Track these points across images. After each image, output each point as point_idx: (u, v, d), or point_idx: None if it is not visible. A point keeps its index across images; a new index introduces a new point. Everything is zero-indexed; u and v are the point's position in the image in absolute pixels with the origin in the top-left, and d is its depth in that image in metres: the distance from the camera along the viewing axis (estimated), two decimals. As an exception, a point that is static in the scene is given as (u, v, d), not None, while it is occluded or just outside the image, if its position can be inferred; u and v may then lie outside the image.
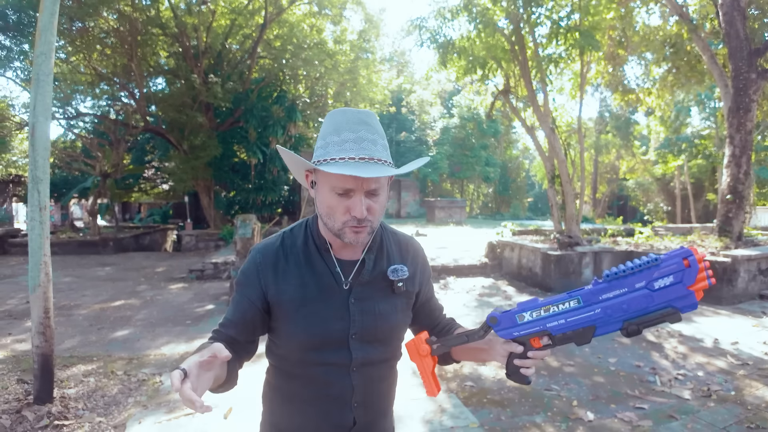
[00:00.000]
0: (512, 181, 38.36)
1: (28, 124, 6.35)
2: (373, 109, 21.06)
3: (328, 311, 1.28)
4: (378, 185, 1.21)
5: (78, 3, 13.00)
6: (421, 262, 1.46)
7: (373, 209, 1.22)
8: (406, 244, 1.44)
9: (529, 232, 12.57)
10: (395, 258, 1.38)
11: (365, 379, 1.33)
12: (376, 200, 1.23)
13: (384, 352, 1.35)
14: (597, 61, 11.60)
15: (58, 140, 21.02)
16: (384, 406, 1.42)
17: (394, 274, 1.32)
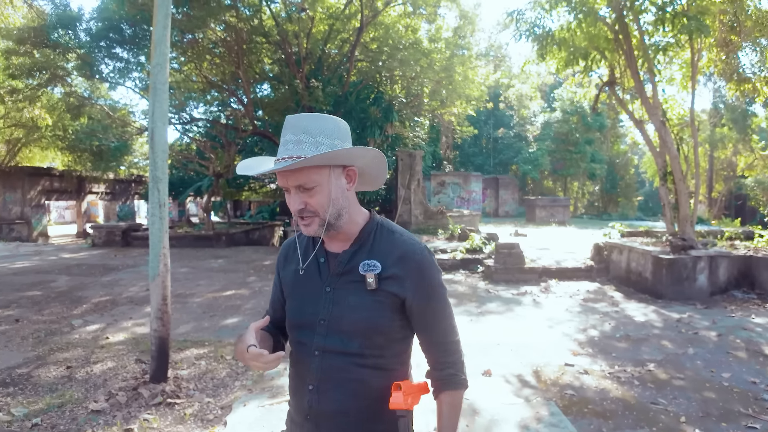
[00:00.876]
0: (620, 179, 36.25)
1: (147, 129, 6.96)
2: (470, 106, 20.81)
3: (307, 296, 1.44)
4: (303, 182, 1.31)
5: (187, 16, 13.99)
6: (414, 269, 1.38)
7: (309, 203, 1.33)
8: (399, 246, 1.41)
9: (638, 234, 11.85)
10: (378, 255, 1.39)
11: (324, 365, 1.38)
12: (311, 194, 1.33)
13: (347, 345, 1.37)
14: (708, 48, 10.66)
15: (175, 143, 22.79)
16: (345, 403, 1.37)
17: (363, 268, 1.38)
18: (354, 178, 1.41)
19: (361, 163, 1.42)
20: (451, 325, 1.45)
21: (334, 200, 1.34)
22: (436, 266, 1.43)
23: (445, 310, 1.44)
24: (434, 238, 14.53)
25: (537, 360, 5.19)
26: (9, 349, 5.64)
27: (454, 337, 1.45)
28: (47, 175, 25.04)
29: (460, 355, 1.47)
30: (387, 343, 1.40)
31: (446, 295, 1.45)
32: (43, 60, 15.47)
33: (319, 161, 1.30)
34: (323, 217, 1.34)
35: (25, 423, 3.78)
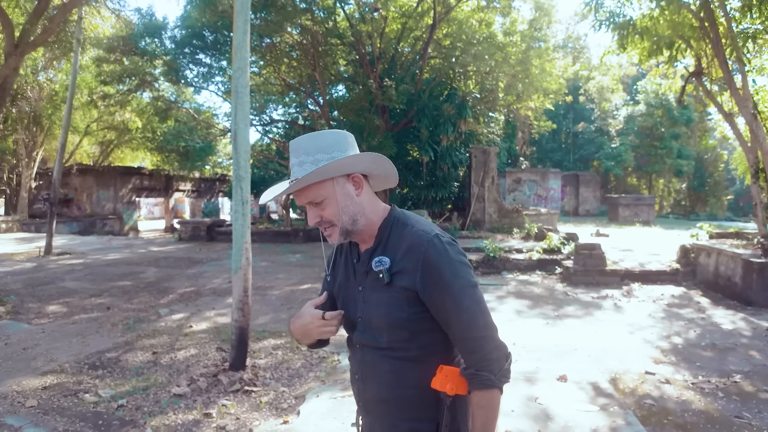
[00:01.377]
0: (709, 176, 33.93)
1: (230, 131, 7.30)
2: (548, 99, 20.23)
3: (348, 296, 1.53)
4: (313, 197, 1.42)
5: (265, 21, 14.49)
6: (422, 260, 1.34)
7: (323, 216, 1.42)
8: (407, 238, 1.40)
9: (728, 236, 11.08)
10: (391, 250, 1.42)
11: (364, 358, 1.48)
12: (322, 208, 1.42)
13: (378, 340, 1.43)
14: (801, 34, 9.82)
15: (256, 144, 23.68)
16: (383, 393, 1.44)
17: (375, 264, 1.42)
18: (360, 184, 1.45)
19: (362, 168, 1.46)
20: (473, 318, 1.34)
21: (343, 209, 1.41)
22: (448, 254, 1.36)
23: (462, 303, 1.33)
24: (509, 237, 14.26)
25: (615, 367, 4.98)
26: (100, 334, 6.11)
27: (477, 332, 1.34)
28: (137, 174, 26.86)
29: (488, 351, 1.34)
30: (412, 335, 1.39)
31: (466, 285, 1.35)
32: (132, 67, 16.57)
33: (315, 178, 1.38)
34: (342, 225, 1.41)
35: (111, 404, 4.09)
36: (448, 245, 1.37)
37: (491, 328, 1.37)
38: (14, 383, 4.49)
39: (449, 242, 1.38)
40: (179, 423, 3.77)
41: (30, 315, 6.99)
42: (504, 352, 1.37)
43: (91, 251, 14.21)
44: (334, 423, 3.75)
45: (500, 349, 1.36)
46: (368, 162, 1.47)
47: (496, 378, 1.34)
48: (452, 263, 1.35)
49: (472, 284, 1.36)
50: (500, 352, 1.36)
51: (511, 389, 4.34)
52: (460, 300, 1.33)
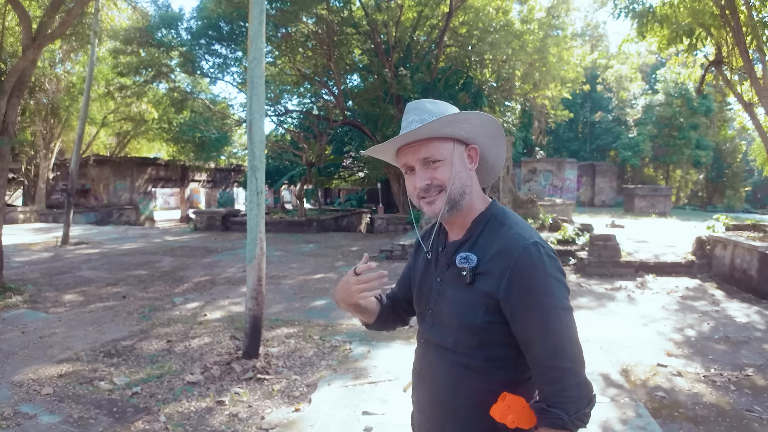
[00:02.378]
0: (727, 167, 33.36)
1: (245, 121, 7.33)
2: (565, 88, 19.96)
3: (424, 284, 1.44)
4: (430, 154, 1.30)
5: (281, 11, 14.47)
6: (513, 267, 1.21)
7: (435, 177, 1.31)
8: (500, 239, 1.28)
9: (745, 228, 10.91)
10: (480, 248, 1.31)
11: (427, 354, 1.41)
12: (436, 168, 1.31)
13: (444, 339, 1.34)
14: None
15: (271, 134, 23.77)
16: (439, 396, 1.36)
17: (459, 260, 1.31)
18: (475, 159, 1.38)
19: (481, 139, 1.38)
20: (558, 345, 1.18)
21: (457, 173, 1.31)
22: (545, 267, 1.21)
23: (549, 325, 1.18)
24: (523, 228, 14.20)
25: (627, 359, 4.96)
26: (116, 323, 6.22)
27: (560, 362, 1.18)
28: (153, 165, 27.14)
29: (568, 387, 1.17)
30: (480, 344, 1.28)
31: (558, 306, 1.20)
32: (148, 58, 16.68)
33: (443, 127, 1.29)
34: (451, 194, 1.30)
35: (126, 391, 4.17)
36: (546, 257, 1.23)
37: (578, 361, 1.21)
38: (30, 371, 4.59)
39: (548, 254, 1.24)
40: (192, 410, 3.84)
41: (47, 304, 7.13)
42: (587, 393, 1.20)
43: (108, 241, 14.43)
44: (345, 411, 3.79)
45: (583, 387, 1.20)
46: (487, 138, 1.39)
47: (569, 419, 1.16)
48: (547, 278, 1.21)
49: (565, 306, 1.22)
50: (582, 390, 1.19)
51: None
52: (547, 321, 1.19)
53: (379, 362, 4.80)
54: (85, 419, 3.69)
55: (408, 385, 4.22)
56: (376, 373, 4.53)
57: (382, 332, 5.66)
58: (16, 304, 7.05)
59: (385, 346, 5.26)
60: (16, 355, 5.05)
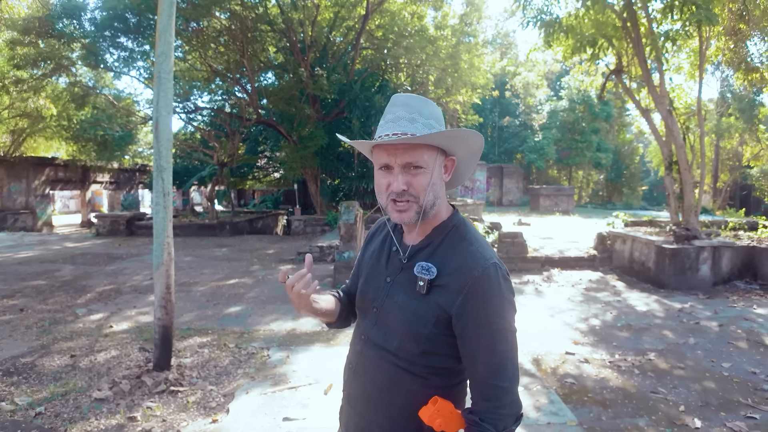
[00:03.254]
0: (625, 168, 35.99)
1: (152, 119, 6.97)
2: (476, 94, 20.68)
3: (371, 281, 1.44)
4: (414, 159, 1.27)
5: (192, 5, 13.91)
6: (470, 285, 1.23)
7: (413, 184, 1.27)
8: (461, 255, 1.29)
9: (642, 224, 11.82)
10: (439, 259, 1.31)
11: (365, 352, 1.41)
12: (416, 175, 1.28)
13: (387, 341, 1.35)
14: (716, 36, 10.57)
15: (179, 133, 22.80)
16: (373, 394, 1.37)
17: (418, 269, 1.31)
18: (450, 170, 1.38)
19: (462, 152, 1.38)
20: (502, 365, 1.23)
21: (433, 185, 1.30)
22: (500, 290, 1.24)
23: (498, 345, 1.23)
24: (438, 228, 14.54)
25: (538, 348, 5.21)
26: (13, 338, 5.70)
27: (500, 381, 1.22)
28: (52, 165, 25.15)
29: (502, 405, 1.22)
30: (423, 353, 1.30)
31: (507, 329, 1.24)
32: (47, 50, 15.45)
33: (439, 139, 1.28)
34: (421, 203, 1.29)
35: (29, 412, 3.83)
36: (503, 279, 1.26)
37: (515, 381, 1.26)
38: None
39: (504, 276, 1.27)
40: (102, 428, 3.58)
41: (-72, 318, 6.42)
42: (516, 411, 1.26)
43: (1, 249, 13.23)
44: (265, 419, 3.69)
45: (515, 406, 1.25)
46: (468, 153, 1.40)
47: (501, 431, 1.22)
48: (501, 300, 1.25)
49: (512, 330, 1.26)
50: (513, 409, 1.25)
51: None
52: (495, 342, 1.23)
53: (298, 367, 4.72)
54: (-21, 443, 3.35)
55: (329, 387, 4.18)
56: (296, 378, 4.45)
57: (301, 337, 5.61)
58: None
59: (305, 350, 5.19)
60: None
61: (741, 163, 27.34)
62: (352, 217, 8.63)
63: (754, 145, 25.85)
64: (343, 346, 5.28)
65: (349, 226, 8.59)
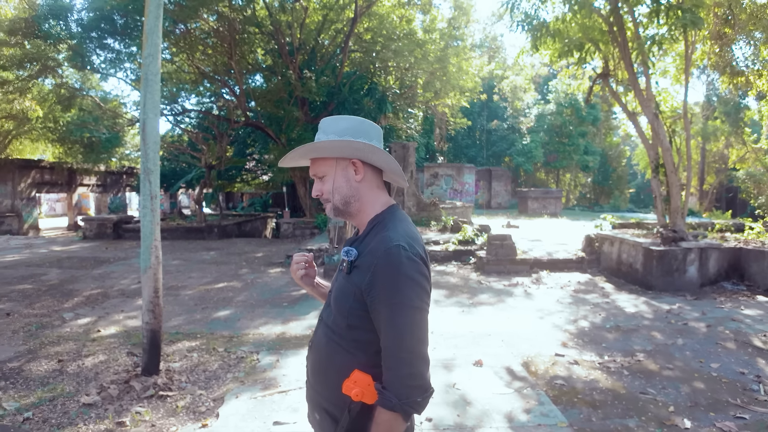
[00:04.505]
0: (612, 171, 36.32)
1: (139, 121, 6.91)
2: (464, 97, 20.78)
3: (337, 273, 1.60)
4: (316, 171, 1.55)
5: (180, 6, 13.84)
6: (375, 264, 1.35)
7: (321, 189, 1.54)
8: (375, 239, 1.43)
9: (630, 226, 11.92)
10: (363, 246, 1.47)
11: (317, 328, 1.59)
12: (323, 182, 1.54)
13: (328, 317, 1.52)
14: (702, 41, 10.71)
15: (167, 135, 22.64)
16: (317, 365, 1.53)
17: (343, 253, 1.51)
18: (360, 170, 1.51)
19: (360, 155, 1.50)
20: (400, 338, 1.32)
21: (337, 188, 1.51)
22: (400, 268, 1.33)
23: (396, 319, 1.32)
24: (427, 230, 14.55)
25: (527, 350, 5.23)
26: (0, 343, 5.62)
27: (399, 352, 1.32)
28: (38, 168, 24.84)
29: (401, 376, 1.32)
30: (348, 327, 1.42)
31: (406, 304, 1.32)
32: (33, 51, 15.27)
33: (309, 153, 1.53)
34: (335, 202, 1.52)
35: (17, 417, 3.77)
36: (406, 258, 1.34)
37: (416, 355, 1.33)
38: None
39: (409, 257, 1.35)
40: (88, 433, 3.54)
41: None
42: (420, 384, 1.33)
43: (-16, 251, 13.04)
44: (255, 423, 3.67)
45: (416, 379, 1.33)
46: (367, 152, 1.50)
47: (399, 403, 1.30)
48: (401, 277, 1.32)
49: (414, 305, 1.33)
50: (414, 381, 1.32)
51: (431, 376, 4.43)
52: (393, 315, 1.32)
53: (288, 370, 4.69)
54: (-37, 450, 3.29)
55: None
56: (286, 382, 4.42)
57: (291, 341, 5.58)
58: None
59: (294, 354, 5.16)
60: None
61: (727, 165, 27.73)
62: (341, 220, 8.63)
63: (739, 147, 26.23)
64: (334, 349, 5.26)
65: (339, 229, 8.60)
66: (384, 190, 1.59)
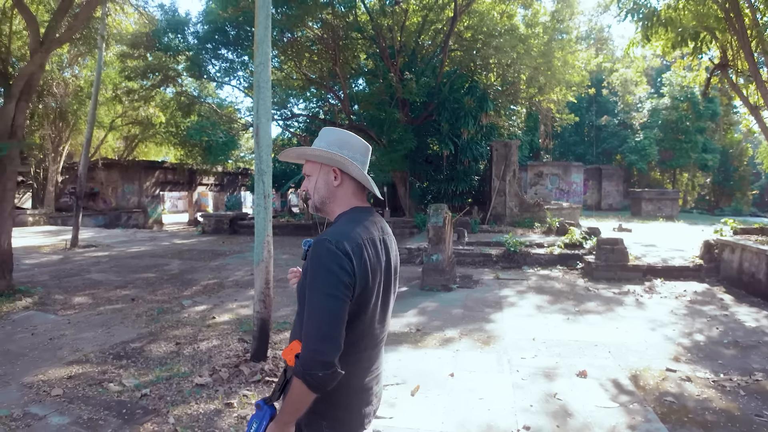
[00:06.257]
0: (734, 170, 33.15)
1: (252, 125, 7.37)
2: (570, 92, 19.92)
3: None
4: (306, 170, 1.83)
5: (286, 16, 14.54)
6: (310, 255, 1.60)
7: (306, 187, 1.83)
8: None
9: (753, 231, 10.84)
10: None
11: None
12: (309, 181, 1.82)
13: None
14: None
15: (277, 138, 23.83)
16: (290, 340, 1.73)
17: (303, 244, 1.79)
18: (339, 177, 1.77)
19: (339, 165, 1.77)
20: (310, 315, 1.53)
21: (317, 189, 1.79)
22: (321, 258, 1.55)
23: (312, 300, 1.54)
24: (530, 232, 14.14)
25: (636, 363, 4.95)
26: (125, 325, 6.26)
27: (310, 329, 1.53)
28: (161, 168, 27.27)
29: (306, 347, 1.52)
30: (302, 306, 1.64)
31: (320, 289, 1.53)
32: (155, 62, 16.78)
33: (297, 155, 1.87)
34: (315, 200, 1.80)
35: (135, 393, 4.20)
36: (327, 251, 1.56)
37: (322, 334, 1.51)
38: (40, 372, 4.64)
39: (329, 249, 1.56)
40: (201, 412, 3.86)
41: (56, 306, 7.19)
42: (321, 361, 1.49)
43: (117, 244, 14.50)
44: (353, 415, 3.78)
45: (318, 354, 1.50)
46: (344, 163, 1.75)
47: (302, 371, 1.50)
48: (320, 266, 1.55)
49: (325, 292, 1.53)
50: (317, 357, 1.49)
51: (529, 384, 4.35)
52: (310, 297, 1.55)
53: (386, 366, 4.78)
54: (94, 420, 3.72)
55: (416, 388, 4.22)
56: (383, 377, 4.51)
57: (389, 336, 5.67)
58: (26, 306, 7.11)
59: (392, 350, 5.26)
60: (26, 356, 5.10)
61: None
62: (440, 219, 8.64)
63: None
64: (432, 348, 5.30)
65: (438, 229, 8.61)
66: (359, 197, 1.82)
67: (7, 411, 3.82)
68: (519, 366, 4.82)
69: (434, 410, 3.88)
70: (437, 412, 3.86)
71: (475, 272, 9.84)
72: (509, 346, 5.41)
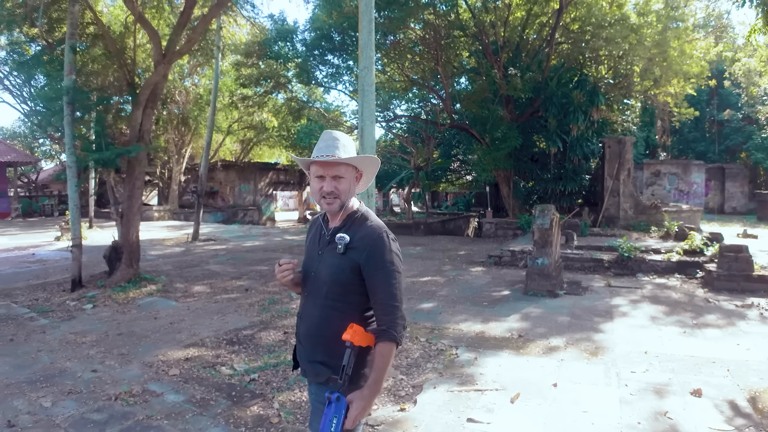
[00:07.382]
0: None
1: (357, 128, 7.61)
2: (689, 84, 18.38)
3: (310, 255, 2.11)
4: (342, 172, 1.97)
5: (388, 18, 14.76)
6: (370, 245, 1.91)
7: (338, 188, 1.96)
8: (364, 228, 1.97)
9: None
10: (351, 232, 1.97)
11: (306, 302, 2.06)
12: (340, 182, 1.96)
13: (319, 290, 1.99)
14: None
15: (380, 140, 24.36)
16: (311, 330, 2.00)
17: (338, 239, 1.95)
18: (359, 180, 2.07)
19: (365, 169, 2.08)
20: (392, 291, 1.88)
21: (350, 191, 2.02)
22: (390, 246, 1.92)
23: (388, 279, 1.89)
24: (645, 236, 13.17)
25: (757, 384, 4.48)
26: (238, 313, 6.72)
27: (393, 301, 1.88)
28: (274, 169, 28.91)
29: (397, 317, 1.87)
30: (344, 293, 1.94)
31: (396, 269, 1.91)
32: (267, 70, 17.80)
33: (358, 161, 2.02)
34: (342, 200, 1.98)
35: (244, 377, 4.52)
36: (390, 240, 1.95)
37: (401, 302, 1.91)
38: (160, 354, 5.12)
39: (391, 239, 1.96)
40: (304, 400, 4.05)
41: (177, 294, 7.88)
42: (404, 323, 1.90)
43: (233, 238, 15.55)
44: (450, 416, 3.79)
45: (404, 318, 1.91)
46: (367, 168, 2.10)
47: (398, 336, 1.87)
48: (390, 253, 1.92)
49: (399, 270, 1.93)
50: (403, 321, 1.90)
51: (638, 400, 4.10)
52: (388, 277, 1.89)
53: (486, 370, 4.73)
54: (206, 400, 4.03)
55: (516, 396, 4.12)
56: (482, 381, 4.47)
57: (490, 341, 5.59)
58: (150, 292, 7.89)
59: (493, 354, 5.18)
60: (148, 338, 5.65)
61: None
62: (547, 221, 8.29)
63: None
64: (534, 356, 5.14)
65: (544, 231, 8.26)
66: None
67: (126, 387, 4.26)
68: (628, 380, 4.55)
69: (534, 420, 3.76)
70: (537, 422, 3.73)
71: (584, 278, 9.38)
72: (618, 359, 5.10)
